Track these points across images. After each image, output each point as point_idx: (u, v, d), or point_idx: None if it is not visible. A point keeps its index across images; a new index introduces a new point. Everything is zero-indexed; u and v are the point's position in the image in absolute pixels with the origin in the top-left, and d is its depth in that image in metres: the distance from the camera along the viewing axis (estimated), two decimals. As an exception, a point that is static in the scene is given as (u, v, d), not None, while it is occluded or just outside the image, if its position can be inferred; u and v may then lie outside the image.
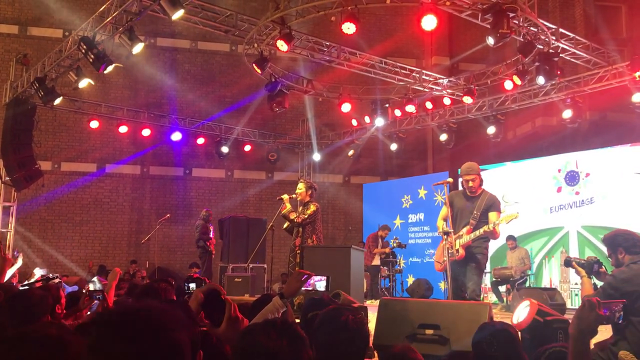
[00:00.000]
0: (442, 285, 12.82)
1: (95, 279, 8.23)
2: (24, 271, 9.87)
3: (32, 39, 15.36)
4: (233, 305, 2.46)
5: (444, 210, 6.42)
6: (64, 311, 4.19)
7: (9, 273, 5.66)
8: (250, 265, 11.16)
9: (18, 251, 7.75)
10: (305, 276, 3.41)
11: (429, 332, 4.10)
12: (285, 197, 7.79)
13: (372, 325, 4.69)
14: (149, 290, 3.33)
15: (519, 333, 3.06)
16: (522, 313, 3.28)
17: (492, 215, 6.03)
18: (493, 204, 6.12)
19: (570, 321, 2.51)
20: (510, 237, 11.24)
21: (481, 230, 5.93)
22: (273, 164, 15.77)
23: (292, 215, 7.59)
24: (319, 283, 4.15)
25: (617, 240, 4.25)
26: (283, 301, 3.22)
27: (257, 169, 16.33)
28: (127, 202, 15.59)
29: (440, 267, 6.35)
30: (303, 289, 3.48)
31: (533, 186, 12.11)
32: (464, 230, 6.03)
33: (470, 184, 6.17)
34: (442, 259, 6.26)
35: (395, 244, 12.57)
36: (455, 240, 5.99)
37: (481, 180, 6.28)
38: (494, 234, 6.02)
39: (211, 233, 12.42)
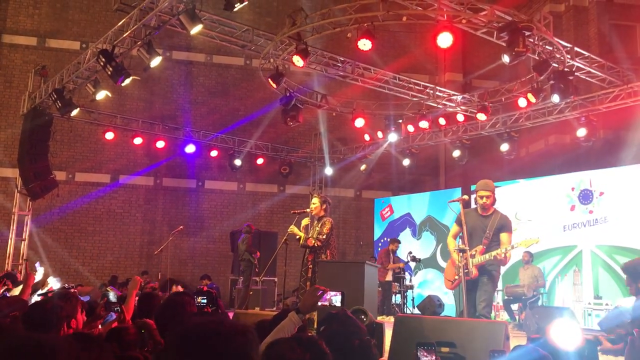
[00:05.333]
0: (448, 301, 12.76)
1: (109, 290, 8.27)
2: (38, 280, 9.92)
3: (51, 50, 15.59)
4: None
5: (455, 228, 6.43)
6: (84, 319, 4.19)
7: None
8: (262, 279, 11.18)
9: (39, 264, 7.80)
10: (321, 291, 3.42)
11: (445, 350, 4.09)
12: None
13: (387, 341, 4.68)
14: (171, 303, 3.34)
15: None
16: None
17: (503, 237, 6.05)
18: (505, 225, 6.14)
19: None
20: (526, 252, 11.20)
21: (493, 254, 5.94)
22: (285, 177, 15.81)
23: (311, 242, 7.51)
24: (335, 298, 4.16)
25: (639, 270, 4.26)
26: (299, 316, 3.24)
27: (270, 182, 16.38)
28: (140, 213, 15.69)
29: (451, 286, 6.34)
30: (319, 303, 3.50)
31: (546, 204, 12.05)
32: (477, 249, 6.03)
33: (484, 200, 6.17)
34: (453, 277, 6.26)
35: (409, 258, 12.54)
36: (462, 256, 5.98)
37: (494, 200, 6.26)
38: (503, 261, 6.03)
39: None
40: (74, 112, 11.60)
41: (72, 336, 2.65)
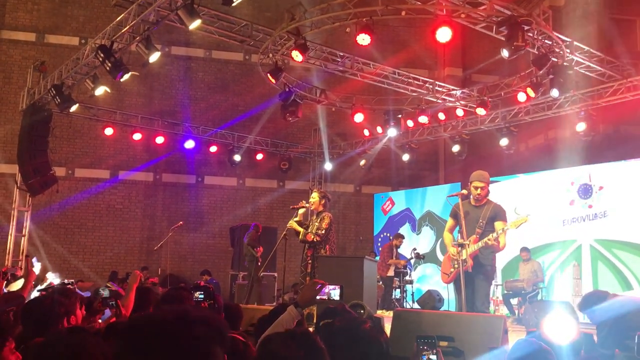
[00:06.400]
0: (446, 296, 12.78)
1: (107, 285, 8.29)
2: (37, 275, 9.94)
3: (49, 46, 15.55)
4: None
5: (450, 222, 6.43)
6: (84, 313, 4.21)
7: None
8: (261, 274, 11.18)
9: (37, 259, 7.82)
10: (320, 285, 3.43)
11: (443, 344, 4.09)
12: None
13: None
14: (169, 298, 3.34)
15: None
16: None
17: (498, 225, 6.02)
18: (498, 213, 6.11)
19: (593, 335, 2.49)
20: (524, 249, 11.18)
21: (484, 240, 5.90)
22: (285, 172, 15.81)
23: (310, 237, 7.50)
24: (334, 292, 4.16)
25: (591, 301, 4.39)
26: (298, 310, 3.24)
27: (269, 177, 16.38)
28: (139, 209, 15.69)
29: (447, 279, 6.31)
30: (318, 297, 3.50)
31: (546, 199, 12.04)
32: (471, 239, 6.00)
33: (479, 191, 6.17)
34: (449, 270, 6.23)
35: (413, 255, 12.52)
36: (462, 251, 5.95)
37: (488, 191, 6.28)
38: (496, 247, 5.97)
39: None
40: (73, 108, 11.59)
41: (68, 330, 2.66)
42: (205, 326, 1.29)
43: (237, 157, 14.98)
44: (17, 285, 5.58)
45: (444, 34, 8.14)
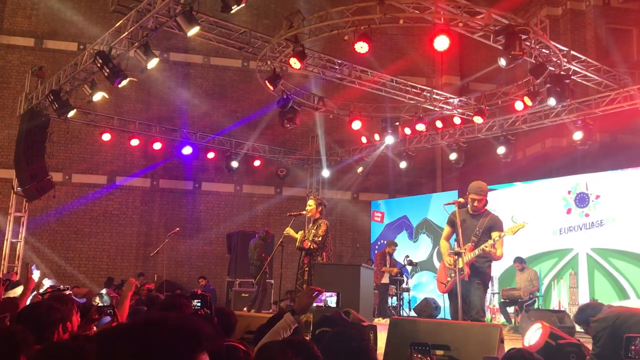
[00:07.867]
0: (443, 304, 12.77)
1: (104, 291, 8.23)
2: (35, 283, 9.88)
3: (48, 51, 15.58)
4: None
5: (447, 230, 6.42)
6: (79, 320, 4.18)
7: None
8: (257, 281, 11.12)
9: (36, 267, 7.78)
10: (316, 292, 3.43)
11: (439, 352, 4.09)
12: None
13: (381, 343, 4.69)
14: (169, 305, 3.33)
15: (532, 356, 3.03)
16: (533, 336, 3.25)
17: (494, 235, 6.01)
18: (496, 224, 6.11)
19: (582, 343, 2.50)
20: (517, 259, 11.17)
21: (481, 247, 5.89)
22: (282, 179, 15.81)
23: (307, 244, 7.51)
24: (330, 299, 4.15)
25: (587, 313, 4.36)
26: (295, 317, 3.24)
27: (266, 184, 16.38)
28: (136, 215, 15.66)
29: (444, 288, 6.30)
30: (314, 304, 3.49)
31: (542, 207, 12.07)
32: (466, 247, 6.00)
33: (476, 203, 6.18)
34: (445, 279, 6.22)
35: (406, 262, 12.52)
36: (458, 259, 5.93)
37: (486, 202, 6.29)
38: (493, 255, 5.95)
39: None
40: (71, 114, 11.58)
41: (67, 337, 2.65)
42: (179, 333, 1.28)
43: (234, 164, 14.97)
44: (16, 292, 5.54)
45: (441, 43, 8.16)
